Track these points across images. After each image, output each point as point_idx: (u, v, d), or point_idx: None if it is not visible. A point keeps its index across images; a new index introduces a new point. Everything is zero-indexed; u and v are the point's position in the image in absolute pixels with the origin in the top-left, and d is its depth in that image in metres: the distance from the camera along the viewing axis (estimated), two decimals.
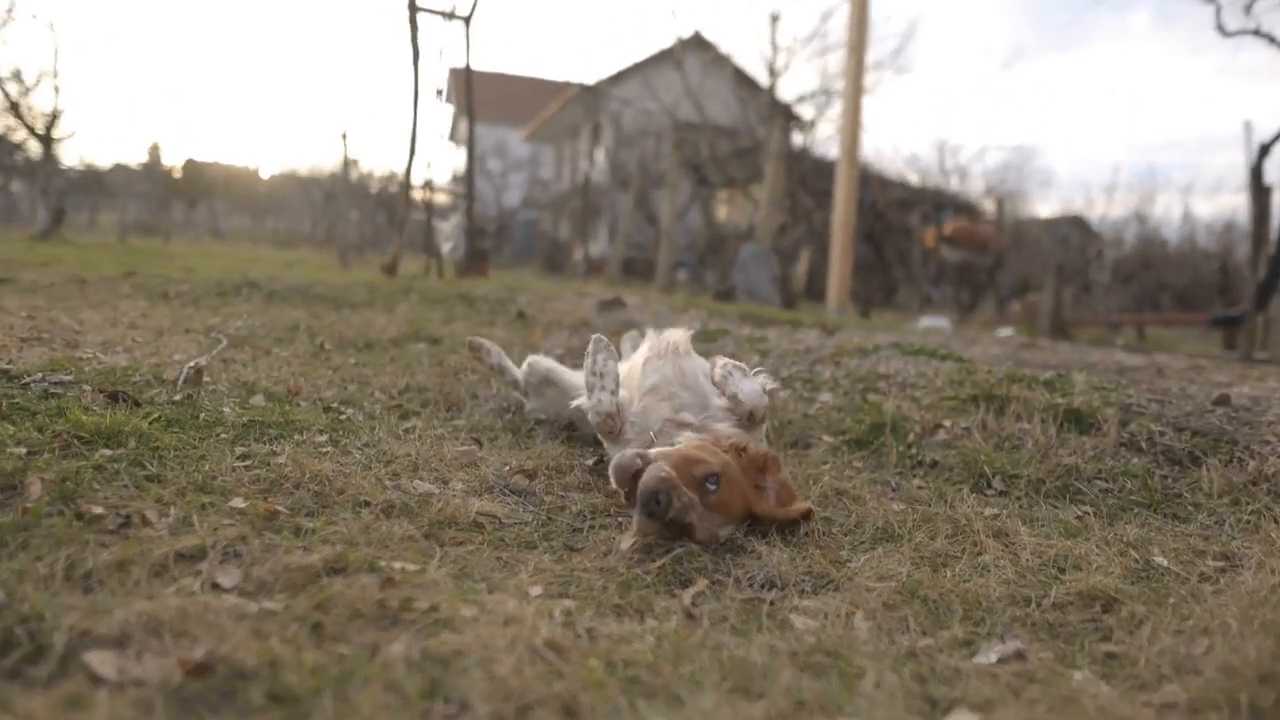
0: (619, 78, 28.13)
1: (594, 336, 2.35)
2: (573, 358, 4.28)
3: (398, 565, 1.51)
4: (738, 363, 2.38)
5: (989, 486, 2.61)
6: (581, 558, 1.78)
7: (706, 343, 4.43)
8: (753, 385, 2.31)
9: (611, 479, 1.92)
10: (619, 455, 1.92)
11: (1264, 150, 8.75)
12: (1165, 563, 1.98)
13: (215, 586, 1.37)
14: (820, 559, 1.87)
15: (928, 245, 17.83)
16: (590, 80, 28.30)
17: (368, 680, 1.13)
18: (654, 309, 5.98)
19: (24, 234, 17.07)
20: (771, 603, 1.65)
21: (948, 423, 3.06)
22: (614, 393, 2.25)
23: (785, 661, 1.36)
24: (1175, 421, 2.97)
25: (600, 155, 28.15)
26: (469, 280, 8.77)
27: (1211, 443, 2.79)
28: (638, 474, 1.82)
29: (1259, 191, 8.84)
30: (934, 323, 11.17)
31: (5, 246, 11.90)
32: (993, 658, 1.50)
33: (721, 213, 25.38)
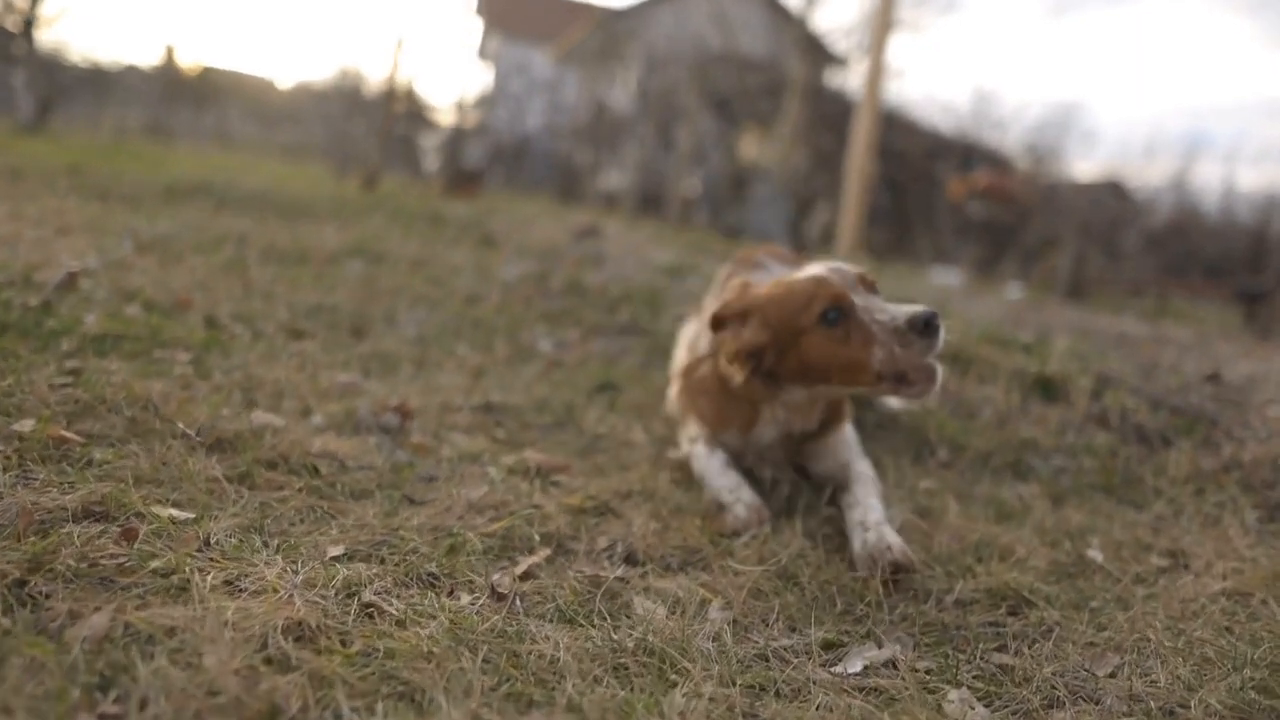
0: (650, 4, 26.98)
1: (694, 452, 1.97)
2: (532, 284, 4.03)
3: (166, 513, 1.29)
4: None
5: (932, 455, 2.36)
6: (418, 512, 1.56)
7: (672, 277, 4.15)
8: None
9: None
10: None
11: None
12: (1100, 558, 1.73)
13: None
14: (697, 532, 1.64)
15: (954, 197, 17.13)
16: (620, 5, 27.19)
17: (33, 664, 0.91)
18: (630, 239, 5.68)
19: (8, 125, 16.71)
20: (620, 580, 1.43)
21: None
22: (749, 488, 1.81)
23: (591, 660, 1.14)
24: (1154, 397, 2.68)
25: (627, 84, 27.22)
26: (451, 200, 8.44)
27: (1188, 423, 2.51)
28: None
29: None
30: (945, 276, 10.74)
31: None
32: (858, 666, 1.27)
33: (749, 151, 24.57)
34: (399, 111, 10.22)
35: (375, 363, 2.58)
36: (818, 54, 18.45)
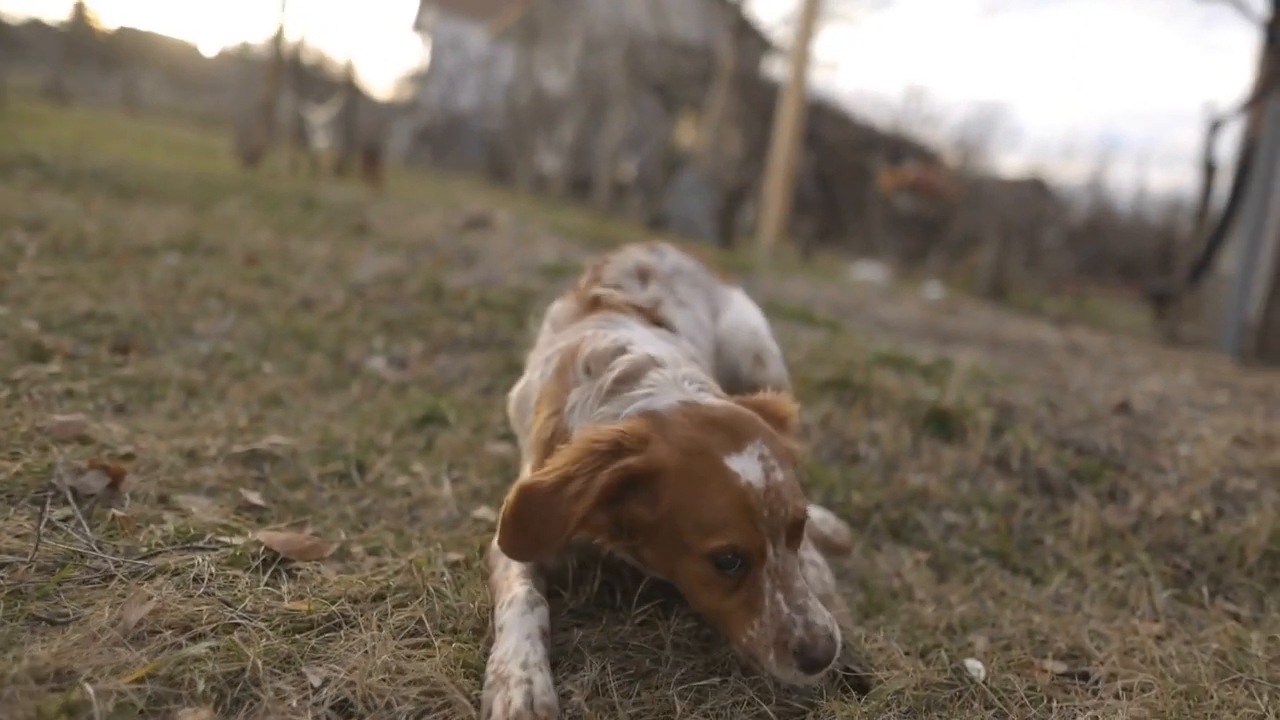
0: None
1: (500, 564, 1.43)
2: (387, 285, 3.53)
3: None
4: None
5: None
6: (41, 644, 1.10)
7: (550, 280, 3.70)
8: None
9: None
10: None
11: (1215, 127, 8.26)
12: (982, 673, 1.37)
13: None
14: (451, 667, 1.22)
15: (884, 188, 17.12)
16: None
17: None
18: (522, 231, 5.21)
19: None
20: None
21: None
22: (547, 672, 1.22)
23: None
24: (1060, 434, 2.37)
25: (563, 65, 26.50)
26: (344, 181, 7.81)
27: (1095, 466, 2.21)
28: None
29: (1207, 169, 8.39)
30: (869, 271, 10.57)
31: None
32: None
33: (686, 137, 24.18)
34: (285, 80, 9.37)
35: (133, 392, 2.08)
36: (751, 41, 18.16)
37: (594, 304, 1.66)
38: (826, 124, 17.98)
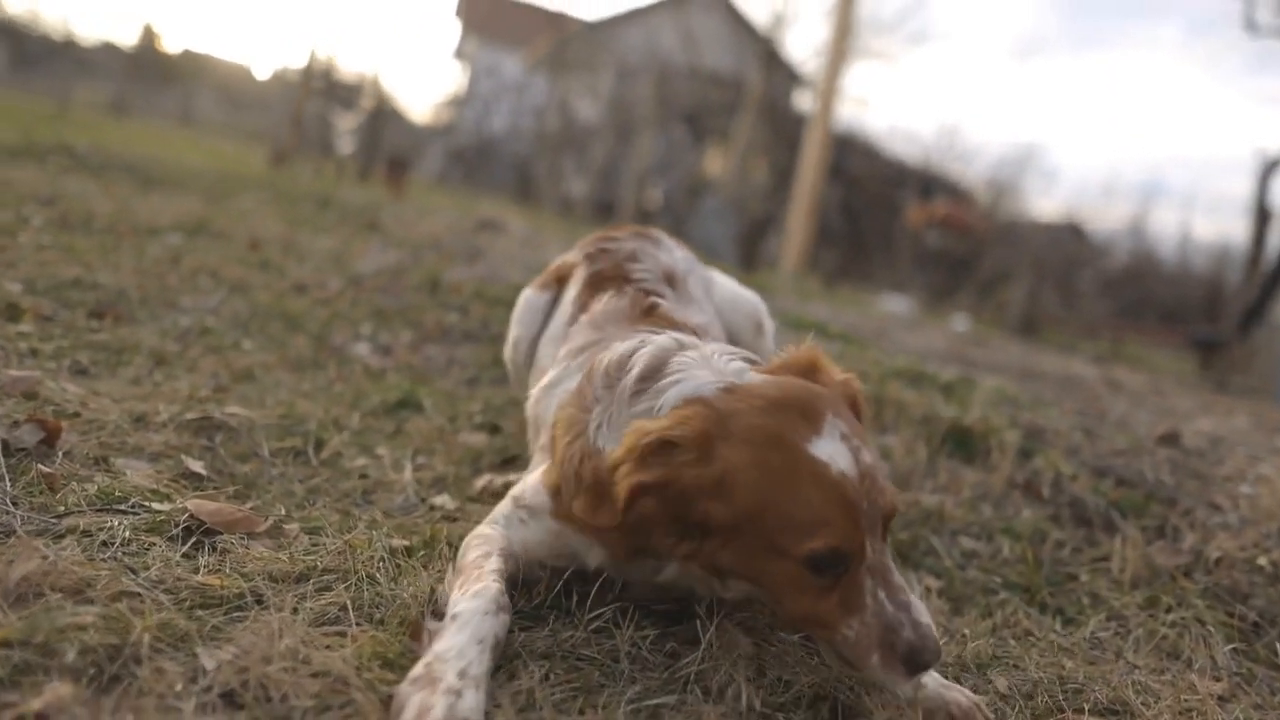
0: (624, 18, 26.69)
1: (474, 542, 1.27)
2: (387, 277, 3.38)
3: None
4: None
5: None
6: None
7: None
8: None
9: None
10: None
11: (1269, 171, 7.93)
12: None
13: None
14: (363, 660, 1.01)
15: (913, 223, 16.88)
16: (592, 17, 26.88)
17: None
18: (530, 236, 5.08)
19: None
20: None
21: None
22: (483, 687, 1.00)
23: None
24: (1098, 461, 2.12)
25: (595, 93, 26.80)
26: (355, 186, 7.77)
27: (1139, 499, 1.95)
28: None
29: (1260, 214, 8.04)
30: (895, 303, 10.30)
31: None
32: None
33: (714, 166, 24.21)
34: (316, 89, 9.42)
35: (100, 356, 1.95)
36: (781, 73, 18.15)
37: (649, 312, 1.47)
38: (855, 157, 17.82)
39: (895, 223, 16.91)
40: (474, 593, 1.10)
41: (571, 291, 1.65)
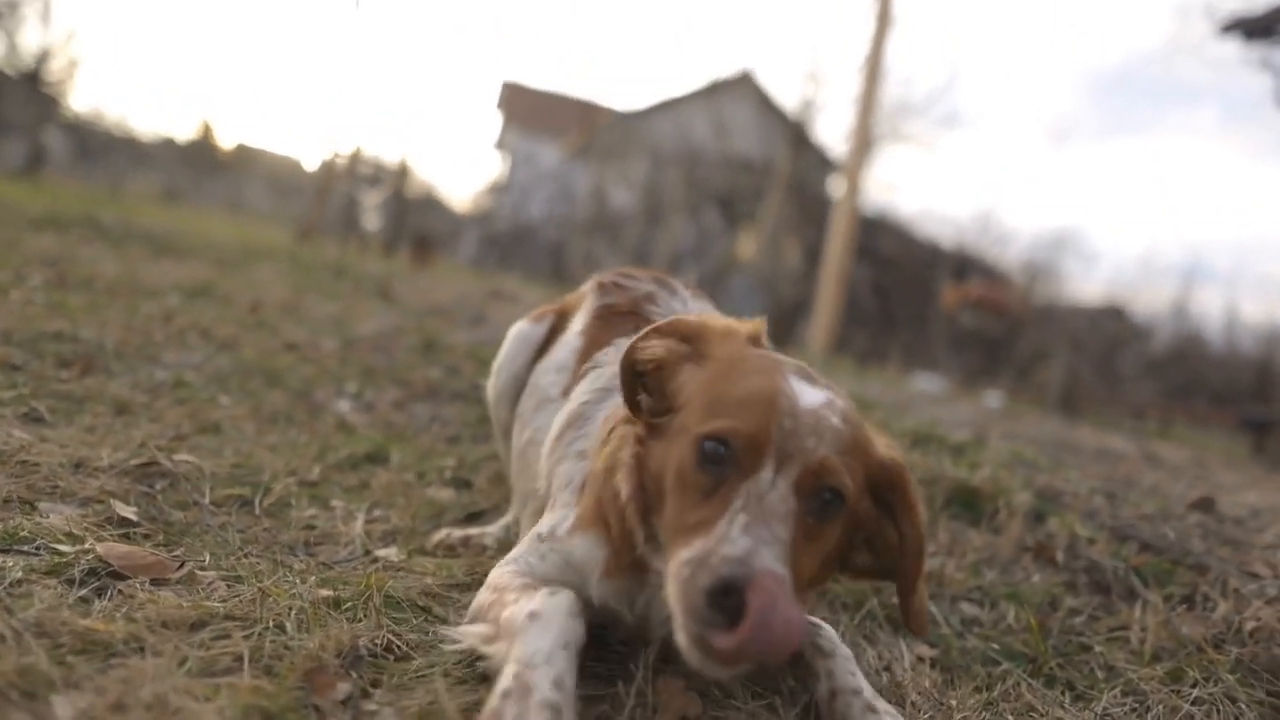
0: (657, 109, 27.66)
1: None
2: (386, 338, 3.35)
3: None
4: None
5: None
6: None
7: None
8: None
9: None
10: None
11: None
12: None
13: None
14: None
15: (947, 305, 16.71)
16: (627, 109, 27.87)
17: None
18: (540, 302, 5.06)
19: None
20: None
21: None
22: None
23: None
24: (1119, 526, 1.94)
25: (629, 180, 27.58)
26: (377, 260, 7.93)
27: (1165, 566, 1.76)
28: None
29: None
30: (927, 382, 10.07)
31: None
32: None
33: (747, 251, 24.51)
34: (344, 173, 9.79)
35: (60, 405, 1.91)
36: (811, 156, 18.48)
37: None
38: (886, 238, 17.87)
39: (929, 303, 16.76)
40: (548, 592, 1.02)
41: (578, 323, 1.56)
